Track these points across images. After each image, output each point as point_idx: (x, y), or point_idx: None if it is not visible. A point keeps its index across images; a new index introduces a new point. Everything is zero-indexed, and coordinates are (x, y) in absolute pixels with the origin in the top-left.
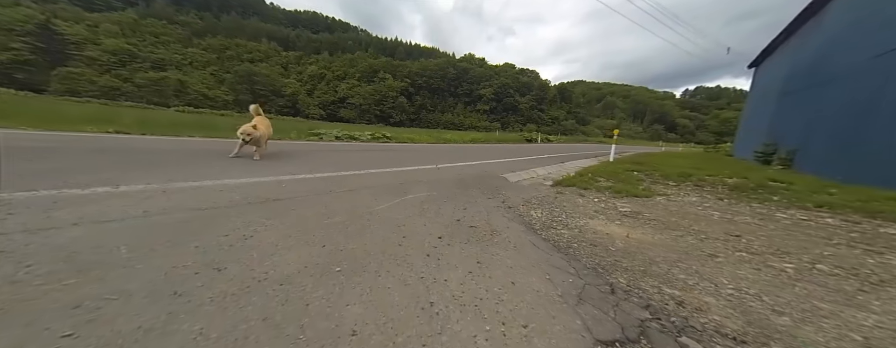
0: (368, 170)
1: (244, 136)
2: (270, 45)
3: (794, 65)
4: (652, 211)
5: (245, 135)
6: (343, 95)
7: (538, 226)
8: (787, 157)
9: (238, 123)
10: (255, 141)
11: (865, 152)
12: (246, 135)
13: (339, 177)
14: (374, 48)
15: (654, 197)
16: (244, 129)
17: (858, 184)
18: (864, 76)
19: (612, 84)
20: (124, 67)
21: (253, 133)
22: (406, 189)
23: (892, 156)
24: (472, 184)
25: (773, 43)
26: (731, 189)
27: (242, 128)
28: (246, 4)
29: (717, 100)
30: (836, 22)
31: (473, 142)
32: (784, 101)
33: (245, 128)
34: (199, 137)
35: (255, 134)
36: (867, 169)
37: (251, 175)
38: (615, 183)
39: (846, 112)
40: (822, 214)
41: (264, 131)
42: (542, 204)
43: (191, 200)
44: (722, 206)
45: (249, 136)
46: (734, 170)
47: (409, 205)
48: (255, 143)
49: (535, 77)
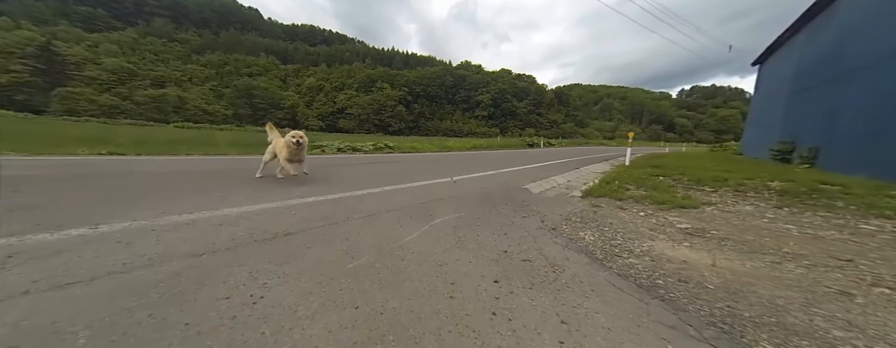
0: (382, 188)
1: (297, 139)
2: (269, 58)
3: (804, 60)
4: (714, 226)
5: (299, 138)
6: (342, 106)
7: (600, 254)
8: (809, 156)
9: (237, 138)
10: (301, 151)
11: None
12: (300, 138)
13: (352, 197)
14: (371, 59)
15: (702, 207)
16: (297, 133)
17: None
18: (890, 68)
19: (608, 86)
20: (124, 85)
21: (302, 142)
22: (430, 210)
23: None
24: (497, 199)
25: (779, 39)
26: (780, 194)
27: (296, 132)
28: (245, 20)
29: (713, 98)
30: (853, 16)
31: (476, 148)
32: (798, 97)
33: (298, 133)
34: (196, 155)
35: (304, 141)
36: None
37: (254, 200)
38: (648, 191)
39: (880, 105)
40: None
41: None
42: (586, 221)
43: (184, 242)
44: (788, 217)
45: (303, 140)
46: (764, 172)
47: (441, 233)
48: (298, 156)
49: (531, 82)
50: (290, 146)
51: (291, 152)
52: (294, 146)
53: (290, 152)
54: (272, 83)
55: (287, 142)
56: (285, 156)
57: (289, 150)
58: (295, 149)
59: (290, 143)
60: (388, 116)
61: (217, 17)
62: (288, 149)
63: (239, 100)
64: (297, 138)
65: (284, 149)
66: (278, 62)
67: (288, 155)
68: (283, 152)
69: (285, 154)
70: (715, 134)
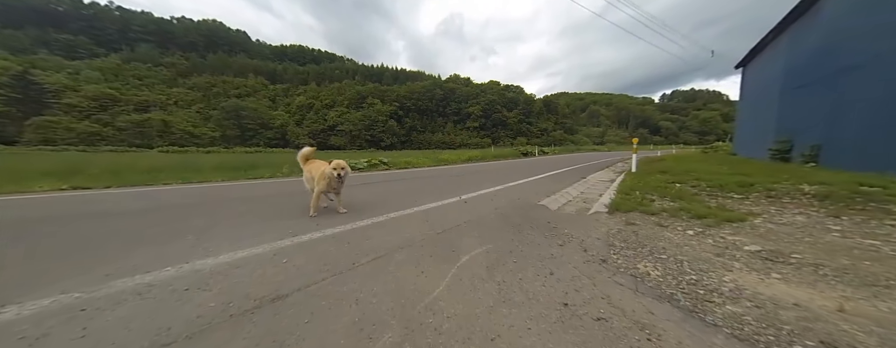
0: (387, 215)
1: (339, 171)
2: (257, 79)
3: (794, 59)
4: (787, 246)
5: (340, 170)
6: (332, 123)
7: (686, 300)
8: (811, 154)
9: (224, 161)
10: (341, 184)
11: None
12: (341, 170)
13: (354, 230)
14: (361, 75)
15: (749, 219)
16: (339, 163)
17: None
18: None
19: (593, 93)
20: (106, 111)
21: (343, 175)
22: (450, 243)
23: None
24: (518, 220)
25: (762, 41)
26: (821, 200)
27: (337, 163)
28: (232, 42)
29: (693, 101)
30: (842, 13)
31: (471, 160)
32: (791, 96)
33: (341, 163)
34: (176, 184)
35: (346, 174)
36: None
37: (235, 244)
38: (676, 202)
39: (881, 101)
40: None
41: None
42: (633, 246)
43: (125, 329)
44: (857, 229)
45: (344, 172)
46: (783, 173)
47: (474, 279)
48: (337, 190)
49: (520, 92)
50: (331, 179)
51: (330, 185)
52: (336, 180)
53: (328, 185)
54: (261, 103)
55: (328, 174)
56: (321, 187)
57: (328, 183)
58: (336, 183)
59: (331, 176)
60: (379, 131)
61: (204, 41)
62: (326, 181)
63: (227, 121)
64: (339, 170)
65: (322, 180)
66: (267, 82)
67: (324, 187)
68: (320, 183)
69: (322, 186)
70: (698, 135)
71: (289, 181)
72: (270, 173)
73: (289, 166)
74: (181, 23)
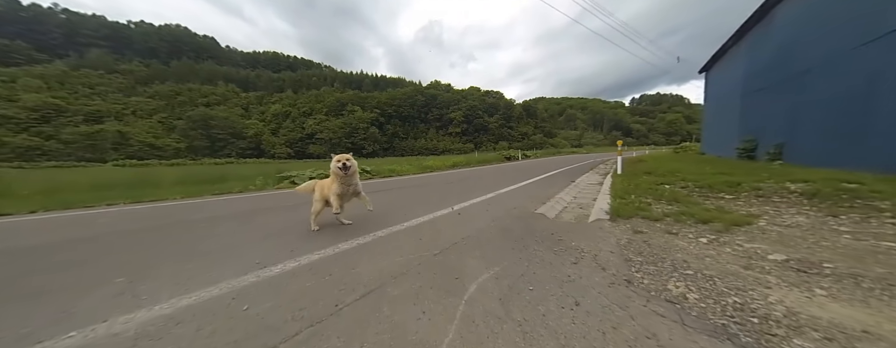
0: (374, 234)
1: (344, 161)
2: (228, 87)
3: (753, 64)
4: (810, 253)
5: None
6: (311, 131)
7: (743, 335)
8: (775, 151)
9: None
10: (352, 177)
11: (871, 139)
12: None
13: (337, 256)
14: (340, 82)
15: (754, 221)
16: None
17: (867, 172)
18: (849, 65)
19: (569, 98)
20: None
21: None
22: (451, 267)
23: None
24: (519, 233)
25: (723, 48)
26: (810, 198)
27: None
28: (199, 48)
29: (659, 104)
30: (792, 22)
31: (456, 166)
32: (752, 98)
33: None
34: (123, 205)
35: (352, 165)
36: (875, 156)
37: (182, 286)
38: (673, 205)
39: (838, 101)
40: None
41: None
42: (651, 261)
43: None
44: (864, 230)
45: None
46: (762, 172)
47: (490, 321)
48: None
49: (500, 97)
50: (337, 172)
51: (341, 181)
52: (340, 171)
53: (340, 182)
54: (233, 112)
55: (333, 170)
56: (336, 189)
57: (338, 180)
58: (343, 176)
59: (335, 170)
60: (360, 139)
61: (166, 47)
62: (337, 180)
63: (194, 131)
64: (342, 161)
65: (334, 182)
66: (239, 90)
67: (338, 188)
68: (334, 186)
69: (336, 187)
70: (665, 136)
71: (262, 196)
72: (241, 186)
73: (263, 178)
74: (140, 27)
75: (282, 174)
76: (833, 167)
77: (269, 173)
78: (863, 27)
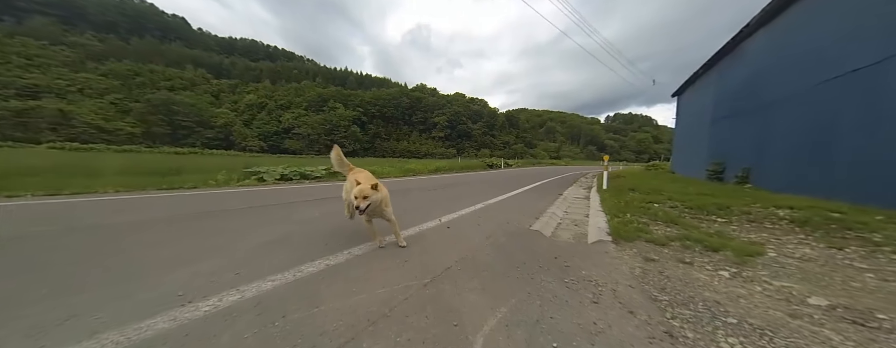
0: (348, 251)
1: (360, 203)
2: (198, 71)
3: (721, 92)
4: (843, 295)
5: (361, 200)
6: (288, 125)
7: None
8: (742, 175)
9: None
10: (375, 209)
11: (836, 170)
12: (363, 199)
13: (295, 284)
14: (323, 78)
15: (763, 251)
16: (361, 191)
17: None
18: (813, 99)
19: (550, 111)
20: None
21: (371, 195)
22: (447, 306)
23: (867, 173)
24: (519, 255)
25: (695, 75)
26: (801, 226)
27: (358, 189)
28: (166, 28)
29: (631, 124)
30: (760, 57)
31: (439, 171)
32: (721, 124)
33: (362, 190)
34: (30, 199)
35: (374, 197)
36: (841, 185)
37: (37, 341)
38: (672, 227)
39: (803, 132)
40: None
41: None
42: (682, 302)
43: None
44: (883, 267)
45: (367, 201)
46: (745, 196)
47: None
48: (378, 214)
49: (484, 105)
50: (351, 206)
51: (354, 207)
52: (357, 212)
53: (353, 206)
54: (201, 99)
55: (349, 201)
56: (349, 197)
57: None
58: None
59: (351, 204)
60: (341, 137)
61: (127, 22)
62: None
63: (153, 116)
64: (359, 202)
65: (351, 182)
66: (210, 76)
67: (353, 197)
68: (351, 186)
69: (351, 194)
70: (635, 153)
71: (221, 194)
72: (199, 181)
73: (227, 172)
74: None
75: (249, 169)
76: (799, 193)
77: (235, 167)
78: (826, 65)
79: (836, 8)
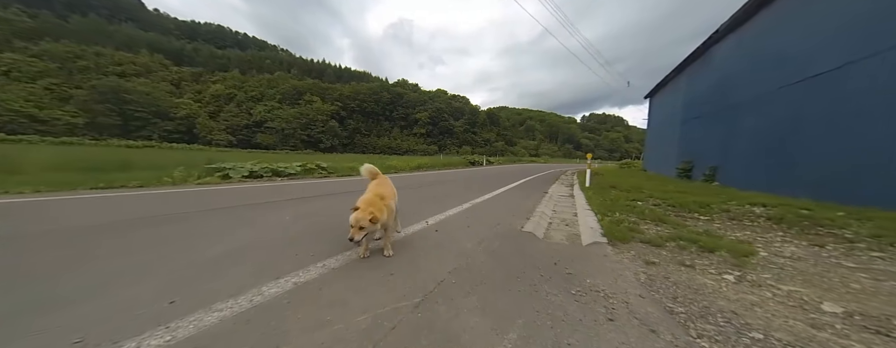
0: (322, 263)
1: (354, 233)
2: (154, 57)
3: (691, 94)
4: (850, 299)
5: (356, 231)
6: (260, 118)
7: None
8: (710, 173)
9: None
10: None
11: (798, 169)
12: (358, 230)
13: (253, 313)
14: (299, 69)
15: (754, 251)
16: (357, 220)
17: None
18: (776, 103)
19: (530, 110)
20: None
21: (368, 227)
22: (444, 335)
23: (826, 172)
24: (518, 264)
25: (666, 78)
26: (777, 222)
27: (355, 217)
28: (116, 7)
29: (605, 123)
30: (727, 62)
31: (421, 168)
32: (690, 125)
33: (359, 219)
34: None
35: (371, 229)
36: (801, 184)
37: None
38: (661, 226)
39: (766, 134)
40: None
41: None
42: (700, 316)
43: None
44: (866, 265)
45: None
46: (722, 194)
47: None
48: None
49: (466, 102)
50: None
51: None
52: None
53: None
54: (158, 87)
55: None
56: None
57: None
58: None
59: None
60: (318, 132)
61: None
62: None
63: (100, 105)
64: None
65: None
66: (169, 62)
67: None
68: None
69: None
70: (608, 152)
71: (175, 193)
72: (150, 179)
73: (186, 168)
74: None
75: (213, 165)
76: (762, 190)
77: (196, 163)
78: (789, 70)
79: (800, 17)
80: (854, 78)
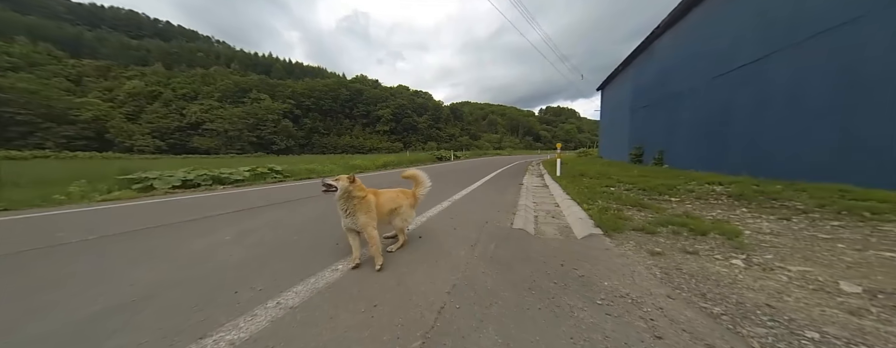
0: (276, 301)
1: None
2: (39, 46)
3: (638, 86)
4: (856, 275)
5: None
6: (196, 120)
7: None
8: (658, 157)
9: None
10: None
11: (730, 148)
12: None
13: None
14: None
15: (739, 230)
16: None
17: (731, 174)
18: (709, 92)
19: (491, 104)
20: None
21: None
22: None
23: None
24: (525, 271)
25: (615, 71)
26: (737, 199)
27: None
28: None
29: (560, 116)
30: (668, 55)
31: (387, 166)
32: (638, 114)
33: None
34: None
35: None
36: (732, 163)
37: None
38: (643, 211)
39: (703, 120)
40: None
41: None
42: (742, 314)
43: None
44: (840, 235)
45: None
46: (679, 176)
47: None
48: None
49: (429, 98)
50: None
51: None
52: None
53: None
54: (50, 84)
55: None
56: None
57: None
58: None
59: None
60: (270, 132)
61: None
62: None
63: None
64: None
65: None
66: (64, 54)
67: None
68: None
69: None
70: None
71: (55, 216)
72: (27, 199)
73: (88, 182)
74: None
75: (129, 176)
76: (705, 170)
77: (106, 174)
78: (720, 62)
79: (726, 14)
80: (773, 68)
